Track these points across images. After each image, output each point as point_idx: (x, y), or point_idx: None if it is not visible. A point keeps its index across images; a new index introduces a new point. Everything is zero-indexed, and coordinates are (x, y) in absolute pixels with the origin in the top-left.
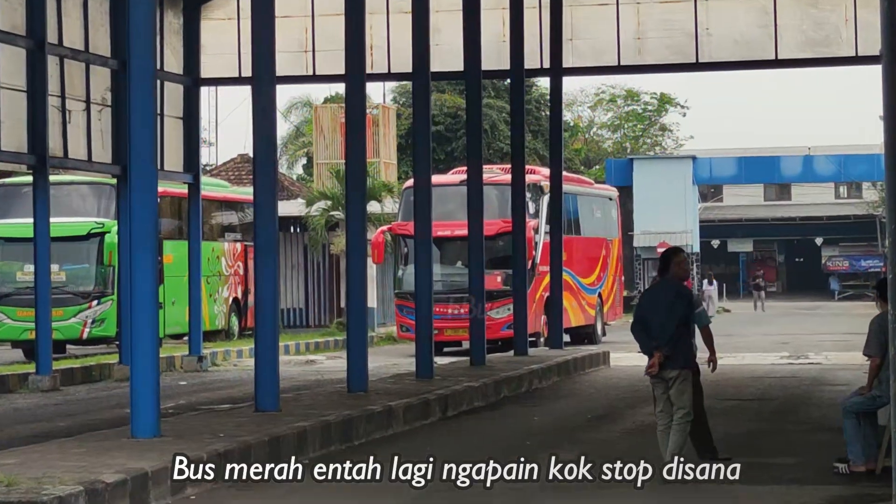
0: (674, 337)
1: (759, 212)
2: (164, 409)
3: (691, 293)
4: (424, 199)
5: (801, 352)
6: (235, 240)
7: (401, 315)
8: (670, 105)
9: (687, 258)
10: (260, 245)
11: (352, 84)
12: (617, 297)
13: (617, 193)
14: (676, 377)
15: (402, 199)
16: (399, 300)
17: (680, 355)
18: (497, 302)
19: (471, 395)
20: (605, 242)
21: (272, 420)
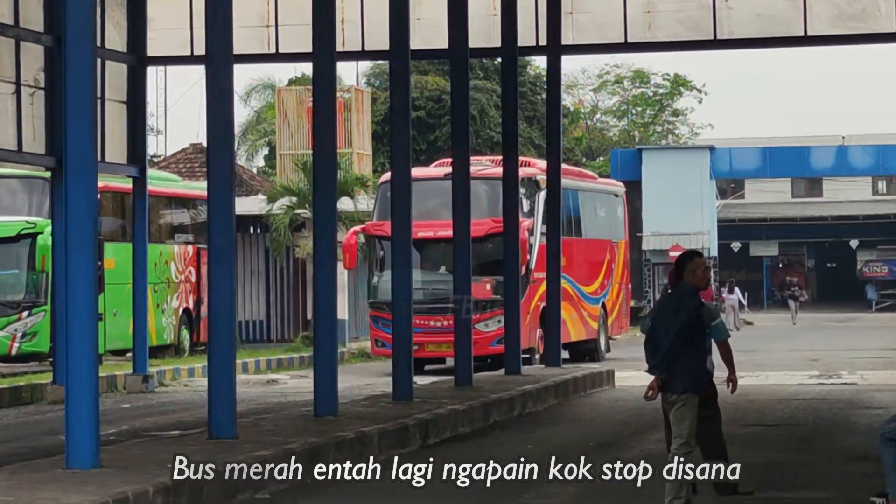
0: (671, 356)
1: (786, 210)
2: (105, 436)
3: (699, 303)
4: (403, 195)
5: (833, 370)
6: (187, 242)
7: (375, 328)
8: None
9: (706, 263)
10: (215, 248)
11: (320, 64)
12: (623, 308)
13: (624, 189)
14: (675, 401)
15: (377, 195)
16: (374, 311)
17: (680, 377)
18: (486, 313)
19: (455, 421)
20: (610, 245)
21: (228, 448)
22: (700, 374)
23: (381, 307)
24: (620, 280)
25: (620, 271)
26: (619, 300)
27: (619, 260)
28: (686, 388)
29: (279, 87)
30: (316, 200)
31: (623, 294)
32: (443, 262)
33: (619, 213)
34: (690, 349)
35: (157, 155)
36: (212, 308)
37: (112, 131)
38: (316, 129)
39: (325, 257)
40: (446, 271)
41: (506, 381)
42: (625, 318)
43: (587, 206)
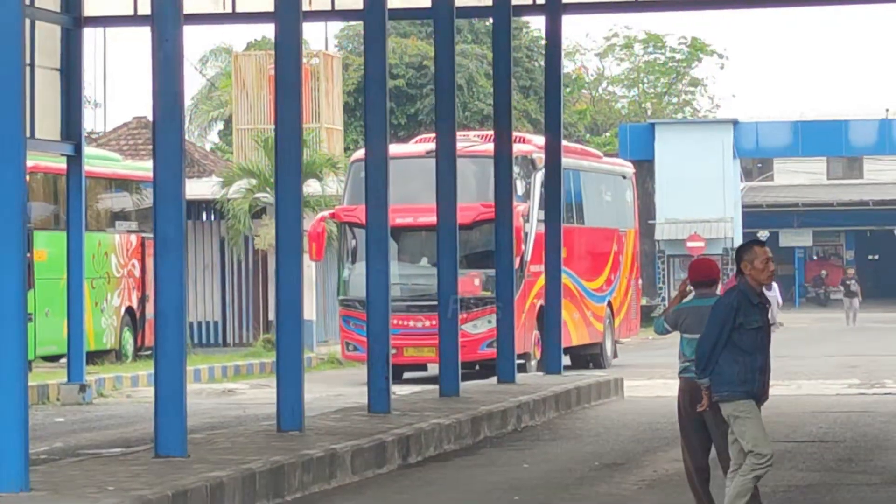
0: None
1: (821, 194)
2: (35, 455)
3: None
4: (379, 176)
5: (875, 379)
6: (130, 231)
7: (346, 329)
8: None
9: (769, 253)
10: (162, 238)
11: (283, 25)
12: (632, 307)
13: (633, 170)
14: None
15: (348, 175)
16: (344, 310)
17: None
18: (474, 313)
19: (440, 436)
20: (617, 234)
21: (178, 468)
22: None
23: (354, 305)
24: (629, 275)
25: (629, 264)
26: (628, 298)
27: (628, 251)
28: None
29: (236, 53)
30: (279, 183)
31: (632, 291)
32: (424, 253)
33: (628, 198)
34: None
35: (96, 131)
36: (158, 307)
37: (43, 103)
38: (279, 100)
39: (290, 248)
40: (428, 264)
41: (498, 391)
42: (634, 319)
43: (591, 189)
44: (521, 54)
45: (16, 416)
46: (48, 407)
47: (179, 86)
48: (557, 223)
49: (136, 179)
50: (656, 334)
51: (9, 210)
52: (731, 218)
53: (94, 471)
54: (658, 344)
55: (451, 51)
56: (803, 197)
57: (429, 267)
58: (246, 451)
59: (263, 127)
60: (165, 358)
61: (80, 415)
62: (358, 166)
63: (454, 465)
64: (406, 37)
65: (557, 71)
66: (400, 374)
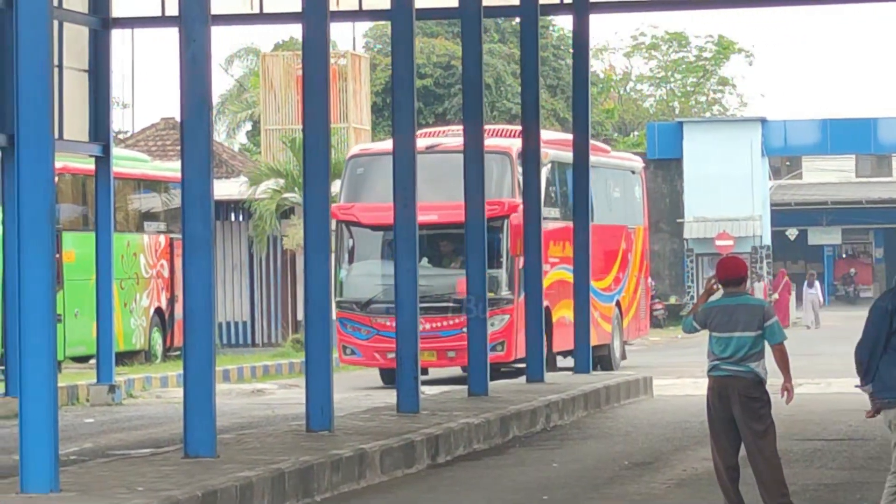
0: (869, 367)
1: (850, 192)
2: (65, 456)
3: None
4: (408, 174)
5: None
6: (158, 231)
7: (343, 333)
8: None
9: None
10: (190, 238)
11: (311, 25)
12: (642, 307)
13: (642, 165)
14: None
15: (345, 172)
16: (341, 312)
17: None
18: None
19: (469, 436)
20: (626, 232)
21: (207, 469)
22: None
23: (351, 307)
24: (639, 273)
25: (638, 263)
26: (637, 297)
27: (637, 249)
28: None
29: (264, 53)
30: (306, 183)
31: (642, 290)
32: (428, 252)
33: (637, 194)
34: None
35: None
36: (187, 307)
37: (72, 104)
38: (306, 100)
39: (318, 248)
40: (428, 264)
41: (527, 391)
42: (644, 319)
43: (598, 184)
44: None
45: (45, 417)
46: (78, 408)
47: (207, 86)
48: (586, 222)
49: (165, 180)
50: (684, 333)
51: (37, 211)
52: (760, 216)
53: (124, 471)
54: (687, 343)
55: (479, 50)
56: (832, 195)
57: (429, 267)
58: (275, 450)
59: (291, 127)
60: (194, 358)
61: (110, 415)
62: (355, 162)
63: (483, 464)
64: (434, 36)
65: (585, 70)
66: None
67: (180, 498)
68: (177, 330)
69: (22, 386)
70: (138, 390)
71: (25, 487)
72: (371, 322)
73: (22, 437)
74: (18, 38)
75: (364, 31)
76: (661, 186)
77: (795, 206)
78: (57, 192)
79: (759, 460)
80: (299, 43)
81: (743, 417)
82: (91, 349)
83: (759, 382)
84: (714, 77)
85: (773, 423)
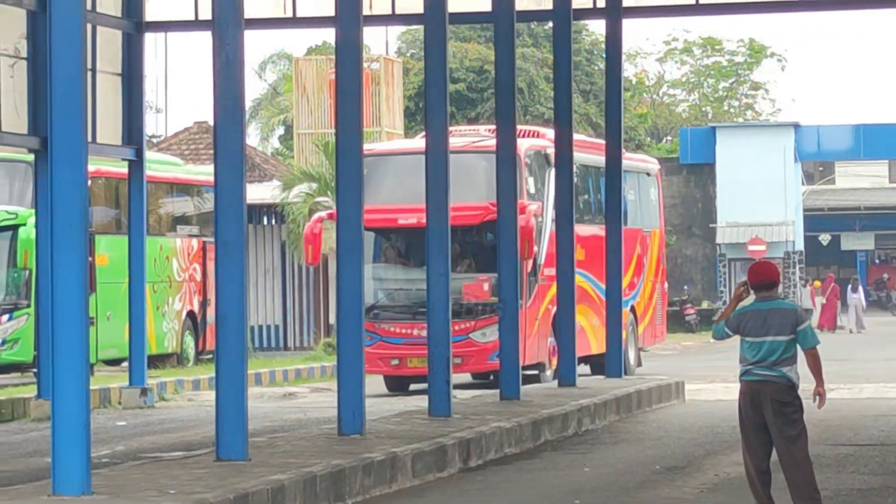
0: None
1: (883, 197)
2: (97, 458)
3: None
4: (440, 178)
5: None
6: (191, 235)
7: None
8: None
9: None
10: (223, 242)
11: (344, 29)
12: (657, 313)
13: (658, 167)
14: None
15: None
16: None
17: None
18: (483, 320)
19: (501, 440)
20: (641, 235)
21: (239, 472)
22: None
23: None
24: (654, 278)
25: (654, 267)
26: (653, 303)
27: (653, 253)
28: None
29: (296, 58)
30: (339, 187)
31: (658, 295)
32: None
33: (653, 196)
34: None
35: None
36: (220, 311)
37: (105, 108)
38: (339, 104)
39: (351, 252)
40: None
41: (559, 395)
42: (660, 325)
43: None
44: (582, 58)
45: (78, 420)
46: (110, 410)
47: (240, 90)
48: (618, 227)
49: (198, 184)
50: (715, 339)
51: (71, 214)
52: (793, 221)
53: (156, 474)
54: (718, 347)
55: (512, 54)
56: (865, 200)
57: None
58: (307, 454)
59: (324, 131)
60: (226, 361)
61: (142, 418)
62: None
63: (515, 468)
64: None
65: (618, 74)
66: (406, 386)
67: (212, 501)
68: (209, 333)
69: (54, 388)
70: (170, 393)
71: (57, 490)
72: (375, 328)
73: (54, 439)
74: (52, 42)
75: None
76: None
77: (828, 212)
78: (90, 196)
79: (790, 465)
80: (332, 47)
81: (775, 422)
82: (123, 352)
83: (792, 387)
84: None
85: (805, 428)
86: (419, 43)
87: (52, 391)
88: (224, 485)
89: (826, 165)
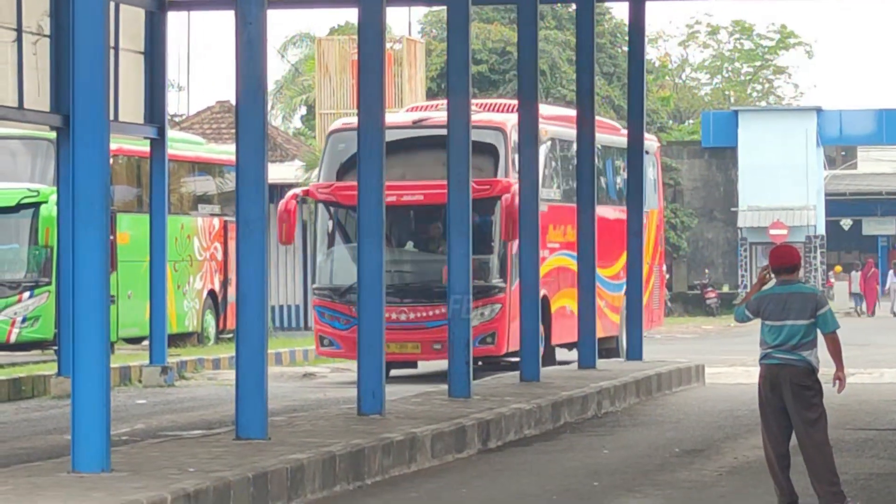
0: None
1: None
2: (117, 436)
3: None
4: (462, 159)
5: None
6: (212, 214)
7: (321, 323)
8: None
9: None
10: (244, 221)
11: (366, 9)
12: (654, 297)
13: (657, 144)
14: None
15: (325, 148)
16: (319, 300)
17: None
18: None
19: (520, 421)
20: None
21: (258, 450)
22: None
23: (329, 295)
24: (651, 261)
25: (651, 250)
26: (650, 286)
27: (650, 235)
28: None
29: (319, 38)
30: (361, 167)
31: (655, 279)
32: (410, 236)
33: (650, 175)
34: None
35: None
36: (240, 290)
37: (127, 86)
38: (361, 85)
39: (372, 232)
40: (414, 248)
41: (579, 377)
42: (657, 310)
43: (607, 165)
44: (605, 40)
45: (98, 398)
46: (130, 389)
47: (262, 69)
48: (639, 209)
49: (219, 163)
50: (736, 322)
51: (92, 193)
52: (814, 206)
53: (175, 452)
54: (739, 331)
55: (535, 36)
56: (887, 185)
57: (415, 252)
58: (326, 433)
59: (346, 111)
60: (247, 341)
61: (162, 397)
62: (336, 138)
63: (534, 450)
64: (489, 22)
65: (641, 57)
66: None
67: (231, 479)
68: (230, 312)
69: (75, 366)
70: (190, 372)
71: (77, 466)
72: (351, 311)
73: (74, 416)
74: (75, 20)
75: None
76: (716, 175)
77: (850, 196)
78: (112, 174)
79: (810, 449)
80: (355, 27)
81: (794, 406)
82: (144, 331)
83: (812, 371)
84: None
85: (824, 412)
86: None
87: (73, 369)
88: (243, 463)
89: (848, 150)
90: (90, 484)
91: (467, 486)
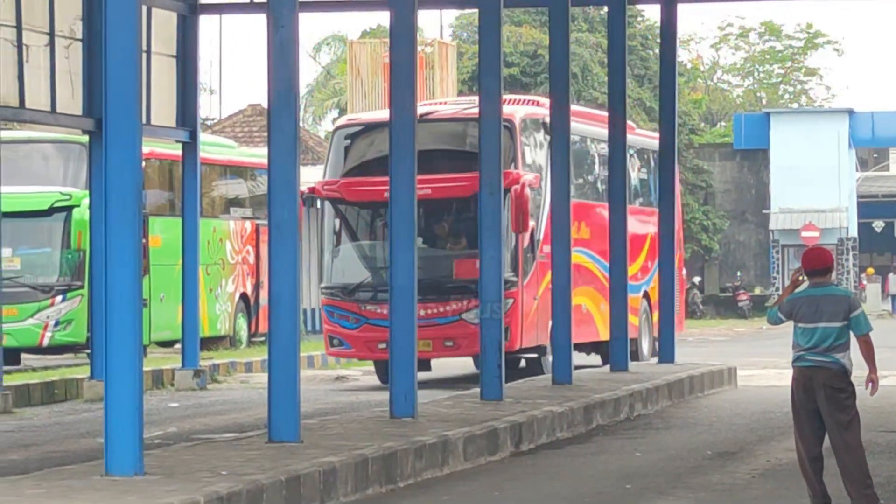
0: None
1: None
2: (150, 439)
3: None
4: (493, 162)
5: None
6: (244, 217)
7: (330, 322)
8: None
9: None
10: (276, 224)
11: (398, 12)
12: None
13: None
14: None
15: (331, 144)
16: (328, 299)
17: None
18: (475, 300)
19: (552, 424)
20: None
21: (291, 453)
22: None
23: (337, 294)
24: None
25: None
26: None
27: None
28: None
29: (351, 41)
30: (393, 170)
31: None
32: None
33: None
34: None
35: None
36: (273, 293)
37: (159, 90)
38: (393, 88)
39: (404, 235)
40: (423, 244)
41: (611, 379)
42: (679, 314)
43: None
44: (636, 43)
45: (131, 402)
46: (163, 392)
47: (294, 72)
48: (671, 212)
49: (251, 166)
50: (769, 324)
51: (124, 196)
52: (846, 208)
53: (208, 455)
54: (771, 333)
55: (566, 39)
56: None
57: (424, 248)
58: (358, 436)
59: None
60: (279, 344)
61: (195, 400)
62: (342, 133)
63: (566, 452)
64: (520, 25)
65: (672, 60)
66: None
67: (264, 482)
68: (262, 316)
69: (107, 369)
70: (223, 375)
71: (110, 470)
72: (360, 310)
73: (107, 420)
74: (107, 23)
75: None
76: (748, 177)
77: (882, 198)
78: (144, 178)
79: (843, 451)
80: (387, 30)
81: (827, 408)
82: (176, 334)
83: (844, 373)
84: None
85: (857, 414)
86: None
87: (105, 372)
88: (276, 466)
89: (880, 152)
90: (123, 487)
91: (499, 489)
